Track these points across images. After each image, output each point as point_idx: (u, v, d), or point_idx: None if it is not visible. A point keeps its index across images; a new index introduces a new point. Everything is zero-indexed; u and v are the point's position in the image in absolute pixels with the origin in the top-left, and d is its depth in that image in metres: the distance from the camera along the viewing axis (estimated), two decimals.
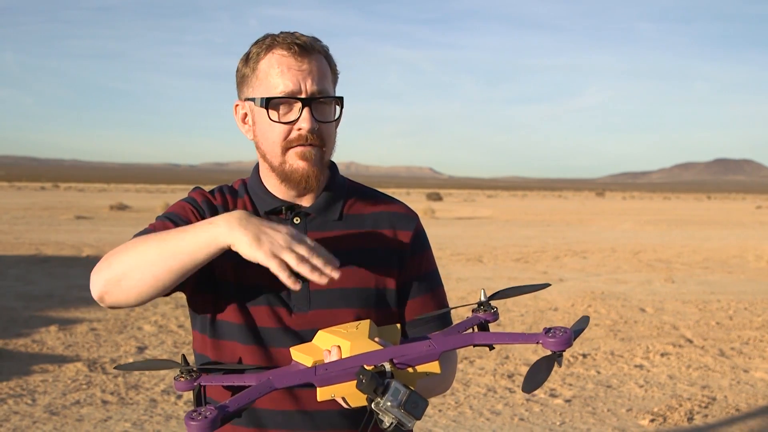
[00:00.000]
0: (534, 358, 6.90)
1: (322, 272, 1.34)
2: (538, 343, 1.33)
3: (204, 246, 1.38)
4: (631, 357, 7.19)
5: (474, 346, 1.44)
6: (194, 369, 1.40)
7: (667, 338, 8.04)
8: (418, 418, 1.25)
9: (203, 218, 1.55)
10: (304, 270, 1.33)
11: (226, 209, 1.60)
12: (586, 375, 6.52)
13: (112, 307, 1.47)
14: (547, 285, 1.52)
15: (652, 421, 5.32)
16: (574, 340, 1.33)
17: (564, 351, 1.33)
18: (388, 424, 1.25)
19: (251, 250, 1.35)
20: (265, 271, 1.54)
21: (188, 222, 1.54)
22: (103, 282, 1.45)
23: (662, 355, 7.29)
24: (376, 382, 1.24)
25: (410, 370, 1.34)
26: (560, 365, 1.33)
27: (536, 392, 5.93)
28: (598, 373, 6.61)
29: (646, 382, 6.36)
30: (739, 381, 6.43)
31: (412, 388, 1.26)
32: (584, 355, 7.17)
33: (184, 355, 1.42)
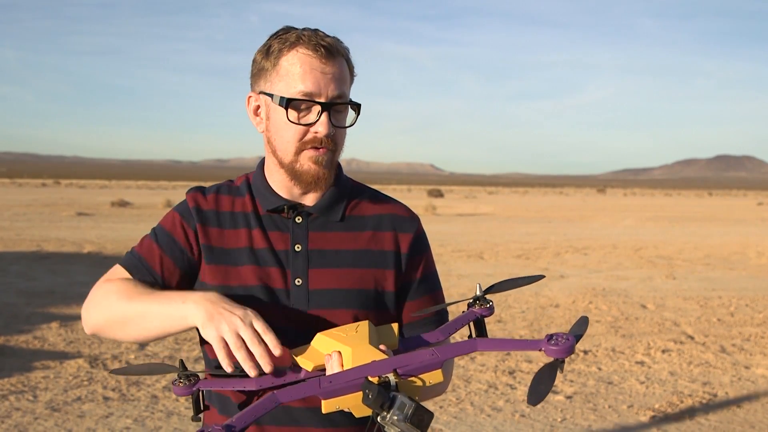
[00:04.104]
0: (534, 356, 6.90)
1: (252, 366, 1.35)
2: (540, 350, 1.33)
3: (174, 323, 1.45)
4: (632, 353, 7.20)
5: (470, 338, 1.43)
6: (192, 373, 1.40)
7: (669, 335, 8.04)
8: (423, 431, 1.25)
9: (191, 230, 1.58)
10: (239, 356, 1.35)
11: (217, 213, 1.61)
12: (588, 371, 6.52)
13: None
14: (541, 276, 1.54)
15: (653, 417, 5.33)
16: (576, 344, 1.33)
17: (566, 358, 1.33)
18: None
19: (203, 329, 1.39)
20: (261, 272, 1.54)
21: (176, 241, 1.58)
22: (90, 329, 1.58)
23: (663, 351, 7.29)
24: (382, 397, 1.24)
25: (413, 379, 1.34)
26: (562, 371, 1.33)
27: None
28: (600, 369, 6.61)
29: (648, 378, 6.36)
30: (740, 377, 6.43)
31: (417, 399, 1.26)
32: (585, 352, 7.17)
33: (182, 360, 1.42)
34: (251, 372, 1.35)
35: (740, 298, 10.61)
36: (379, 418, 1.26)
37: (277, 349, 1.36)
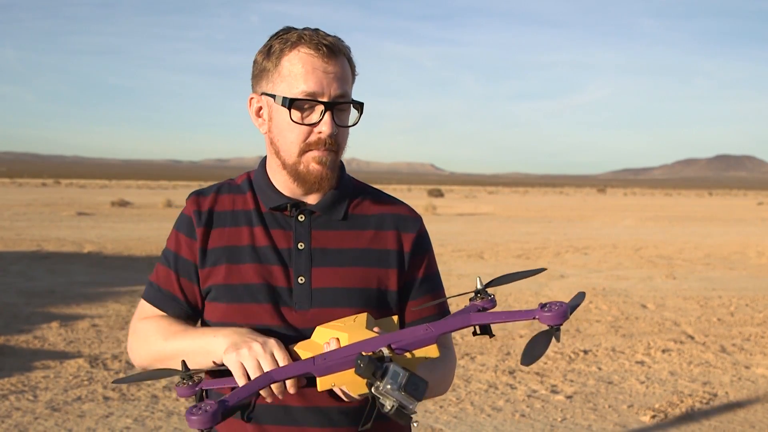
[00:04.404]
0: None
1: (268, 392, 1.37)
2: (534, 318, 1.34)
3: (209, 358, 1.47)
4: (633, 353, 7.19)
5: (475, 334, 1.44)
6: (195, 374, 1.40)
7: (669, 334, 8.04)
8: (419, 400, 1.25)
9: (194, 240, 1.59)
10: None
11: (218, 212, 1.61)
12: (588, 371, 6.52)
13: None
14: (542, 270, 1.54)
15: (654, 417, 5.32)
16: (570, 314, 1.34)
17: (561, 325, 1.34)
18: (389, 407, 1.25)
19: (225, 356, 1.41)
20: (264, 270, 1.55)
21: (185, 259, 1.59)
22: (138, 365, 1.64)
23: (663, 351, 7.29)
24: (374, 365, 1.24)
25: (408, 355, 1.35)
26: (558, 340, 1.35)
27: (537, 388, 5.94)
28: (600, 369, 6.61)
29: (648, 378, 6.36)
30: (741, 377, 6.43)
31: (411, 370, 1.27)
32: (585, 352, 7.17)
33: (184, 361, 1.42)
34: (267, 398, 1.37)
35: (740, 298, 10.60)
36: (373, 389, 1.26)
37: (293, 388, 1.39)
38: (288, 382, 1.36)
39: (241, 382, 1.36)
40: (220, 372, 1.49)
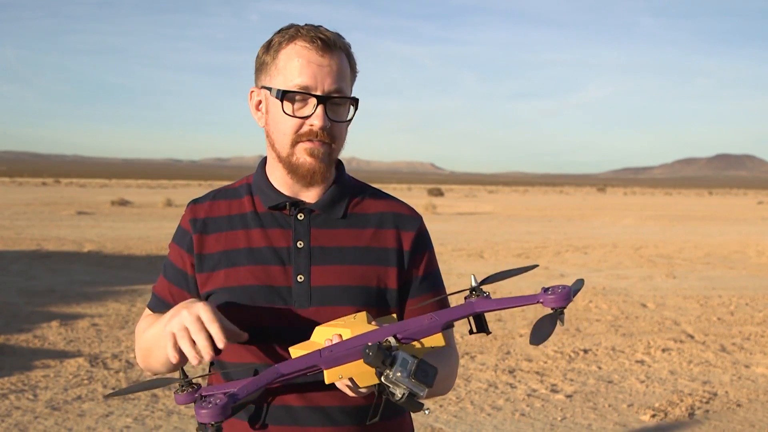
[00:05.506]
0: (535, 355, 6.91)
1: (194, 355, 1.34)
2: (538, 302, 1.36)
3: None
4: (633, 352, 7.20)
5: (471, 332, 1.44)
6: (193, 380, 1.40)
7: (669, 334, 8.04)
8: (430, 386, 1.25)
9: (186, 251, 1.60)
10: (182, 346, 1.35)
11: (214, 219, 1.62)
12: (588, 370, 6.52)
13: None
14: (535, 266, 1.56)
15: (654, 416, 5.33)
16: (573, 297, 1.35)
17: (565, 308, 1.35)
18: (400, 396, 1.25)
19: (164, 327, 1.40)
20: (262, 271, 1.55)
21: (178, 269, 1.61)
22: (140, 365, 1.66)
23: (663, 350, 7.29)
24: (383, 354, 1.24)
25: (415, 344, 1.35)
26: (563, 323, 1.36)
27: (537, 387, 5.94)
28: (600, 368, 6.61)
29: (648, 377, 6.36)
30: (740, 376, 6.43)
31: (419, 357, 1.27)
32: (585, 351, 7.18)
33: (182, 369, 1.41)
34: (193, 360, 1.34)
35: (740, 297, 10.61)
36: (383, 378, 1.26)
37: (221, 342, 1.34)
38: (205, 352, 1.33)
39: (170, 352, 1.35)
40: (228, 375, 1.50)
